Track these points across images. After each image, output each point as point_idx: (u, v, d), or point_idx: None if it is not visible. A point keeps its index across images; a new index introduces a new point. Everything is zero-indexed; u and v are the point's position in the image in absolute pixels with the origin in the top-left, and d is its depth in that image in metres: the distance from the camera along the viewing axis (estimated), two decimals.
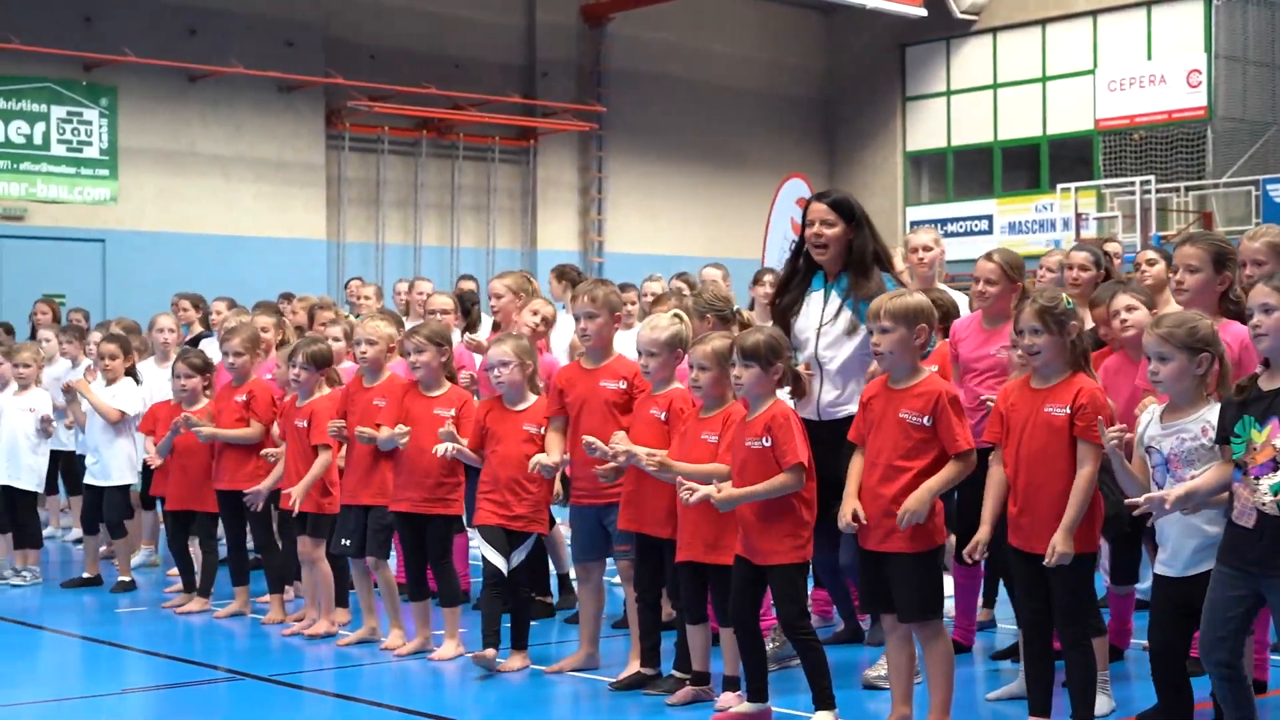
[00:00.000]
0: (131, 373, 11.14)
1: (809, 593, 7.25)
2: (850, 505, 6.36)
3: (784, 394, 6.99)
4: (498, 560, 7.92)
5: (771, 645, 7.69)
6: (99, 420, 10.95)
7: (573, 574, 9.06)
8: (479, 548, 8.08)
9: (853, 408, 6.87)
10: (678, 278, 12.17)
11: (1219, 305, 7.00)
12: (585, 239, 31.39)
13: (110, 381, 11.02)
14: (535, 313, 9.58)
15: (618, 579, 8.20)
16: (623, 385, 7.72)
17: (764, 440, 6.63)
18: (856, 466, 6.46)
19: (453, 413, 8.30)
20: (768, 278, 10.80)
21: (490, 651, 7.88)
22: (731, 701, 6.95)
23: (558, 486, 8.45)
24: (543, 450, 7.85)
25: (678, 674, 7.45)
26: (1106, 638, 6.98)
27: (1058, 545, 6.03)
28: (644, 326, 7.57)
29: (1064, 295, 6.34)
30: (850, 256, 7.48)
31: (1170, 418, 5.94)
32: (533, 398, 8.13)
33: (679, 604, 7.37)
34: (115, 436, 10.95)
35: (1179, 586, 5.93)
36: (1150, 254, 8.93)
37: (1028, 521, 6.23)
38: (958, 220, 32.80)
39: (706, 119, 32.72)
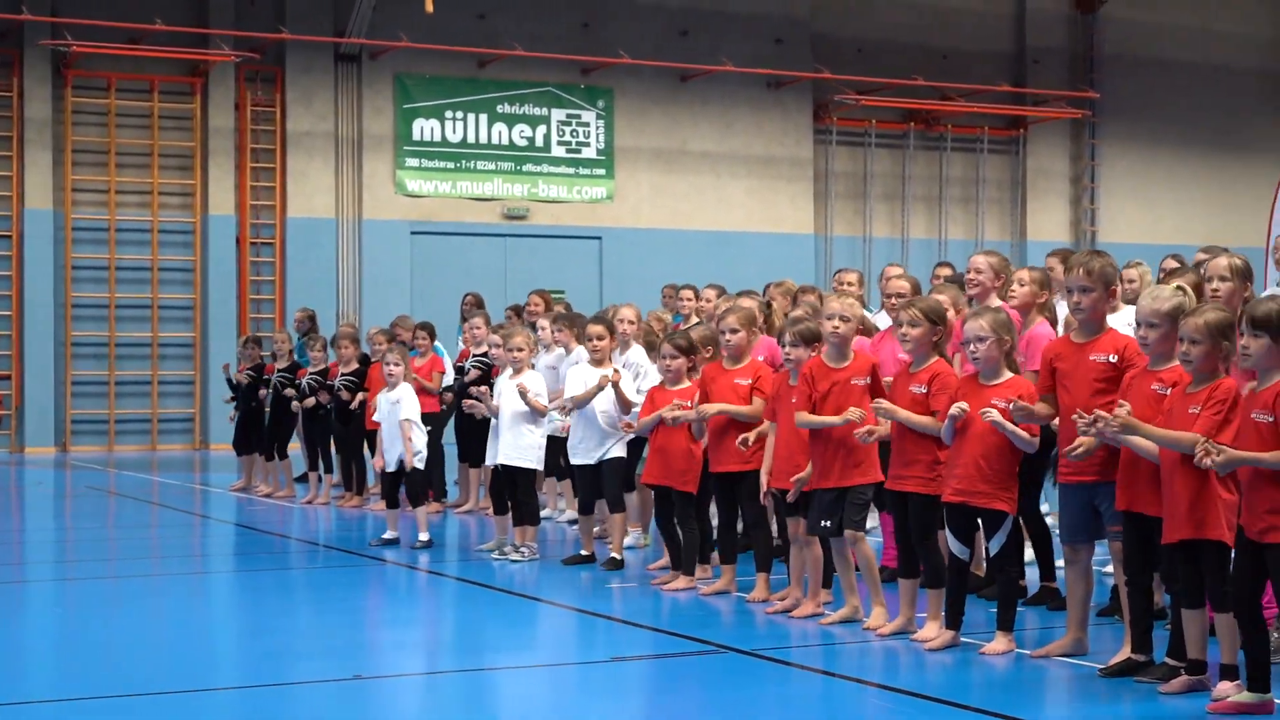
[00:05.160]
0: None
1: None
2: None
3: None
4: (954, 544, 7.96)
5: (1275, 635, 7.27)
6: (598, 402, 11.23)
7: None
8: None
9: None
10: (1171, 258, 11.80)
11: None
12: (1077, 229, 30.60)
13: (596, 363, 11.32)
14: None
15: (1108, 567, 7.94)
16: (1114, 359, 7.45)
17: (1269, 415, 6.33)
18: None
19: (924, 389, 8.20)
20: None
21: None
22: (1229, 691, 6.61)
23: None
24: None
25: (1171, 661, 7.13)
26: None
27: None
28: (1145, 297, 7.26)
29: None
30: None
31: None
32: (1008, 374, 7.94)
33: (1174, 587, 7.04)
34: (613, 414, 11.26)
35: None
36: None
37: None
38: None
39: (1206, 102, 31.39)
